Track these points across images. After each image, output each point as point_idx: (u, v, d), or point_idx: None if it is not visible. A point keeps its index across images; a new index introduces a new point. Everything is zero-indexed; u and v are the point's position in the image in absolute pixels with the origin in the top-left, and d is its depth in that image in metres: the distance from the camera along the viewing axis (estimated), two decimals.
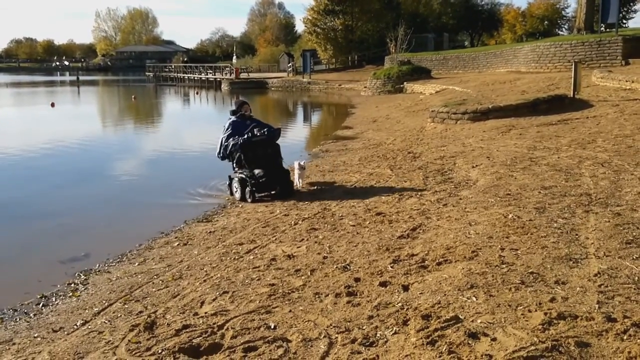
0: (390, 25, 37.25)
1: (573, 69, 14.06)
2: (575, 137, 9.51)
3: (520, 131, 10.83)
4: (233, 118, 8.49)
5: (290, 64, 52.78)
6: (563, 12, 54.29)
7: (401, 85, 28.20)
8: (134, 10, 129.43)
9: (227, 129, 8.34)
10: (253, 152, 8.06)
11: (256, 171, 8.02)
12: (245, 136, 8.09)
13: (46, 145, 15.37)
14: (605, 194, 5.80)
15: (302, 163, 8.49)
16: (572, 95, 13.73)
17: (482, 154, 9.03)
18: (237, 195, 8.23)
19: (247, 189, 8.03)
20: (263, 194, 8.13)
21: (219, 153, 8.43)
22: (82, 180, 11.08)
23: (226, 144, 8.25)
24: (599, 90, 14.65)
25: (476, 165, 8.23)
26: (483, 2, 66.20)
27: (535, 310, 3.24)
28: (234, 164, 8.33)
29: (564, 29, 54.90)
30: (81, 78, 67.34)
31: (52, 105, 29.70)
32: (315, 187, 8.49)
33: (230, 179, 8.50)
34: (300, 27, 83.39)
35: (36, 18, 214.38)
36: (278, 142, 8.41)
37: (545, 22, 52.91)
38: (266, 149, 8.11)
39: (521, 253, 4.27)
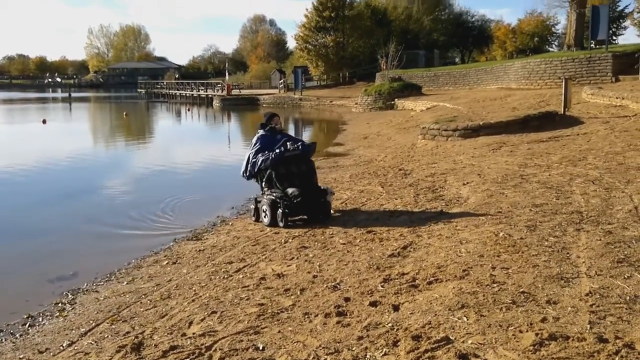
0: (381, 42, 37.61)
1: (563, 86, 14.19)
2: (566, 154, 9.55)
3: (511, 148, 10.88)
4: (262, 132, 7.62)
5: (281, 81, 53.10)
6: (553, 28, 54.90)
7: (392, 102, 28.36)
8: (127, 26, 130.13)
9: (255, 144, 7.46)
10: (286, 169, 7.19)
11: (289, 190, 7.05)
12: (277, 151, 7.22)
13: (36, 162, 15.28)
14: (596, 212, 5.81)
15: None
16: (562, 112, 13.83)
17: (473, 171, 9.04)
18: (266, 220, 7.25)
19: (279, 211, 7.06)
20: (297, 218, 7.21)
21: (244, 171, 7.51)
22: (71, 197, 10.99)
23: (254, 160, 7.34)
24: (590, 107, 14.77)
25: (467, 183, 8.24)
26: (473, 19, 67.18)
27: (527, 331, 3.21)
28: (263, 184, 7.40)
29: (554, 46, 55.49)
30: (73, 94, 67.24)
31: (44, 122, 29.60)
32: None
33: (257, 202, 7.57)
34: (291, 44, 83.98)
35: (29, 35, 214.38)
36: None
37: (536, 38, 53.44)
38: (300, 166, 7.27)
39: (512, 272, 4.25)
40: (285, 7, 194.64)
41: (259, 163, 7.29)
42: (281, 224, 7.04)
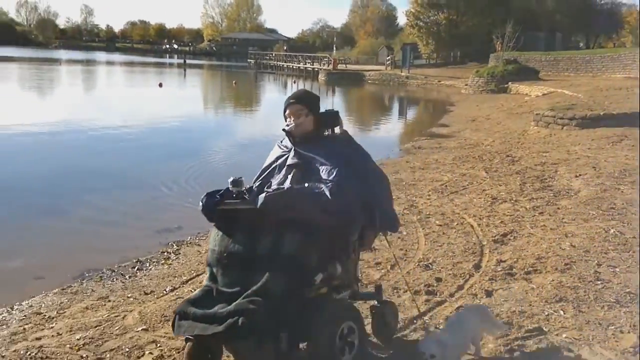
0: (497, 22, 36.01)
1: None
2: None
3: (634, 142, 10.10)
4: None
5: (388, 57, 52.27)
6: None
7: (505, 85, 27.16)
8: None
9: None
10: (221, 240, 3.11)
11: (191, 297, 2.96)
12: (206, 196, 3.27)
13: (151, 122, 16.32)
14: None
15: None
16: None
17: (588, 164, 8.52)
18: None
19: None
20: None
21: None
22: (180, 156, 11.55)
23: None
24: None
25: (580, 175, 7.79)
26: (602, 2, 62.30)
27: (628, 332, 3.04)
28: None
29: None
30: (188, 61, 70.13)
31: (160, 85, 31.29)
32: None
33: None
34: (402, 20, 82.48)
35: (150, 2, 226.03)
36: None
37: None
38: (264, 237, 2.94)
39: (620, 271, 4.01)
40: None
41: None
42: None
